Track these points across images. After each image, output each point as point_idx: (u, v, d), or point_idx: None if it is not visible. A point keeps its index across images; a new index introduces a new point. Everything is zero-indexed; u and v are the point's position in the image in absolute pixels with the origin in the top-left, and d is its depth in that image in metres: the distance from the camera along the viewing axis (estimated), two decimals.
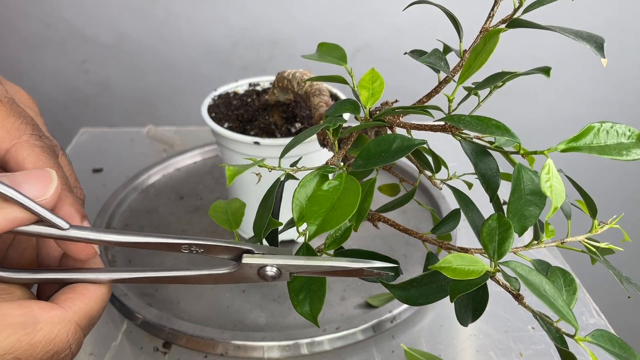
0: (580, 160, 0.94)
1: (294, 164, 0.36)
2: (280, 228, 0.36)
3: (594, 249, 0.33)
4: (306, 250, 0.33)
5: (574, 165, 0.97)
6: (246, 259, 0.30)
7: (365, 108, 0.36)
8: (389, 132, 0.40)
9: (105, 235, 0.30)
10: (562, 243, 0.33)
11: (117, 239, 0.30)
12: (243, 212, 0.38)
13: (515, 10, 0.33)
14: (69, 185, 0.32)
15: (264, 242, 0.34)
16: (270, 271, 0.30)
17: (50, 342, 0.27)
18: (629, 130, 0.28)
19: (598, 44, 0.30)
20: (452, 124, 0.31)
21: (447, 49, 0.40)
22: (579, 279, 0.56)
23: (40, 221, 0.28)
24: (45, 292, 0.31)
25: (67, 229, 0.28)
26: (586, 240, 0.33)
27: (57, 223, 0.28)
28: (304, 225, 0.30)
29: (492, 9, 0.35)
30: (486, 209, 0.35)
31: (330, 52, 0.40)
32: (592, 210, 0.34)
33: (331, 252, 0.35)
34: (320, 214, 0.29)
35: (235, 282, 0.31)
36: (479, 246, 0.32)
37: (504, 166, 0.36)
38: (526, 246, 0.32)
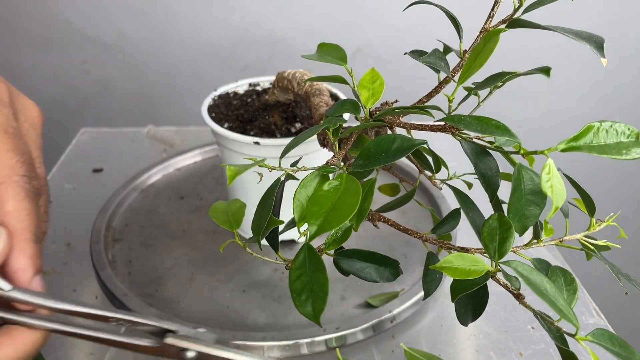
0: (578, 160, 0.94)
1: (294, 164, 0.36)
2: (280, 228, 0.36)
3: (591, 247, 0.33)
4: (308, 251, 0.33)
5: (571, 164, 0.97)
6: (168, 340, 0.32)
7: (366, 108, 0.36)
8: (389, 132, 0.40)
9: (44, 300, 0.30)
10: (560, 241, 0.33)
11: (54, 305, 0.30)
12: (243, 213, 0.38)
13: (515, 10, 0.33)
14: (38, 235, 0.32)
15: (264, 241, 0.34)
16: (190, 354, 0.31)
17: None
18: (628, 129, 0.29)
19: (598, 43, 0.31)
20: (452, 124, 0.31)
21: (447, 49, 0.40)
22: (578, 278, 0.56)
23: None
24: None
25: (8, 291, 0.29)
26: (584, 238, 0.33)
27: None
28: (305, 226, 0.30)
29: (492, 9, 0.35)
30: (486, 209, 0.35)
31: (331, 52, 0.40)
32: (590, 208, 0.34)
33: (331, 252, 0.35)
34: (320, 214, 0.29)
35: (155, 356, 0.32)
36: (479, 245, 0.32)
37: (504, 166, 0.36)
38: (526, 245, 0.33)
